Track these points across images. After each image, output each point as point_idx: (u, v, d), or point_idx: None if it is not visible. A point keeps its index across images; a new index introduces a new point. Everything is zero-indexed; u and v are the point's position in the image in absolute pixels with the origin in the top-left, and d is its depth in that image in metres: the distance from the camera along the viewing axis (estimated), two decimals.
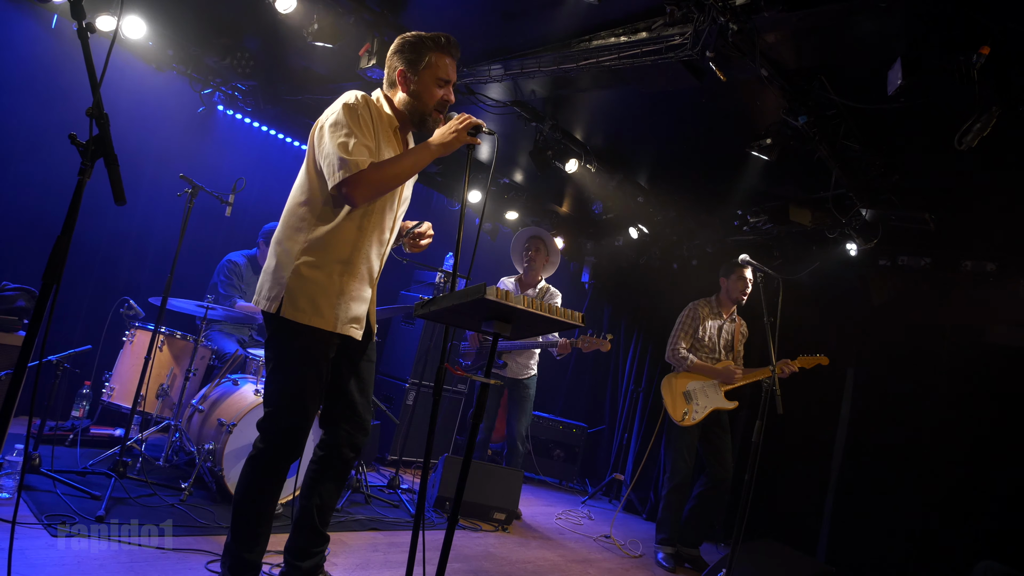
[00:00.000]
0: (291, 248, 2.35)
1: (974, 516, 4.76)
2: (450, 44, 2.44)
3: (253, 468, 2.36)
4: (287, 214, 2.43)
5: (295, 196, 2.43)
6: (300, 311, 2.31)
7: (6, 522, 2.70)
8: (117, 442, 4.13)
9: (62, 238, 1.57)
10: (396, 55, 2.45)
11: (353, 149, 2.22)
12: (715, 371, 4.70)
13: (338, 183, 2.20)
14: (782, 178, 5.00)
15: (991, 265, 4.97)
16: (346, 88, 2.68)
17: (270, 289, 2.36)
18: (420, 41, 2.42)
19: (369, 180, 2.22)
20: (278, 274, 2.35)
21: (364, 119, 2.31)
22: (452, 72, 2.47)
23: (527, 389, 5.11)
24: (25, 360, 1.54)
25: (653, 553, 4.73)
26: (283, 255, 2.36)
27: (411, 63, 2.42)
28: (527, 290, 5.16)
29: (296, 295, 2.31)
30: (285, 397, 2.36)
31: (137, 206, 5.19)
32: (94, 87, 1.64)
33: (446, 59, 2.44)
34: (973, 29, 2.89)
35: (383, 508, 4.28)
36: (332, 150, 2.23)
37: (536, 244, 5.16)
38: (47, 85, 4.66)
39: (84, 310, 5.00)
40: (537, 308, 1.95)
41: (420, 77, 2.42)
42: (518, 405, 5.09)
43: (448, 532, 2.00)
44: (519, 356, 5.08)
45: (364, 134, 2.29)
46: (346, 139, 2.23)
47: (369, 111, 2.36)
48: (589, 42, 3.83)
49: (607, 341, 4.83)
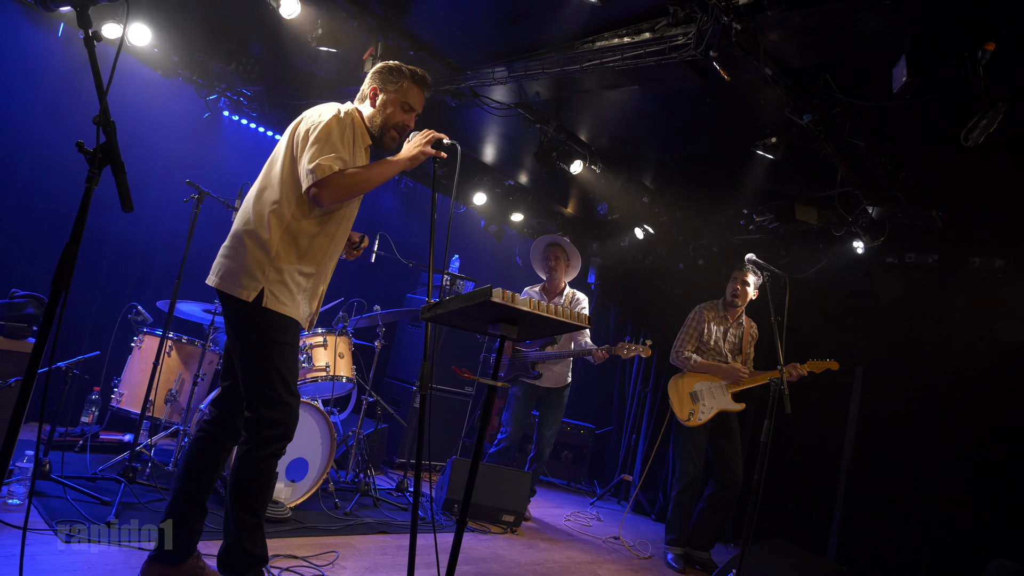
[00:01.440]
0: (268, 240, 2.45)
1: (986, 514, 4.72)
2: (425, 81, 2.68)
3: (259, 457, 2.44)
4: (258, 202, 2.52)
5: (269, 191, 2.52)
6: (283, 304, 2.45)
7: (17, 528, 2.72)
8: (126, 447, 4.15)
9: (71, 245, 1.58)
10: (376, 75, 2.66)
11: (328, 156, 2.39)
12: (721, 369, 4.69)
13: (310, 185, 2.37)
14: (788, 177, 4.98)
15: (1000, 261, 4.94)
16: (351, 92, 2.73)
17: (245, 278, 2.42)
18: (399, 69, 2.64)
19: (335, 183, 2.38)
20: (255, 263, 2.43)
21: (347, 136, 2.49)
22: (419, 104, 2.69)
23: (561, 398, 5.11)
24: (35, 367, 1.54)
25: (663, 554, 4.72)
26: (257, 247, 2.44)
27: (386, 84, 2.63)
28: (553, 298, 5.15)
29: (277, 289, 2.44)
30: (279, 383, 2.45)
31: (144, 212, 5.22)
32: (101, 95, 1.64)
33: (417, 90, 2.66)
34: (978, 25, 2.88)
35: (392, 511, 4.29)
36: (311, 156, 2.39)
37: (556, 252, 5.15)
38: (54, 93, 4.69)
39: (92, 316, 5.03)
40: (542, 310, 1.95)
41: (389, 97, 2.63)
42: (551, 413, 5.08)
43: (457, 535, 2.00)
44: (554, 365, 5.07)
45: (344, 147, 2.46)
46: (325, 148, 2.40)
47: (354, 128, 2.55)
48: (593, 43, 3.83)
49: (647, 347, 4.81)
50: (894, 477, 5.16)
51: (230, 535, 2.42)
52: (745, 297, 4.75)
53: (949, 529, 4.84)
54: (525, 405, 5.08)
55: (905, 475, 5.11)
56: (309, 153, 2.39)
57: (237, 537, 2.41)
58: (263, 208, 2.49)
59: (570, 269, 5.23)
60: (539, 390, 5.08)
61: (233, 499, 2.42)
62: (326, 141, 2.41)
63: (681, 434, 4.72)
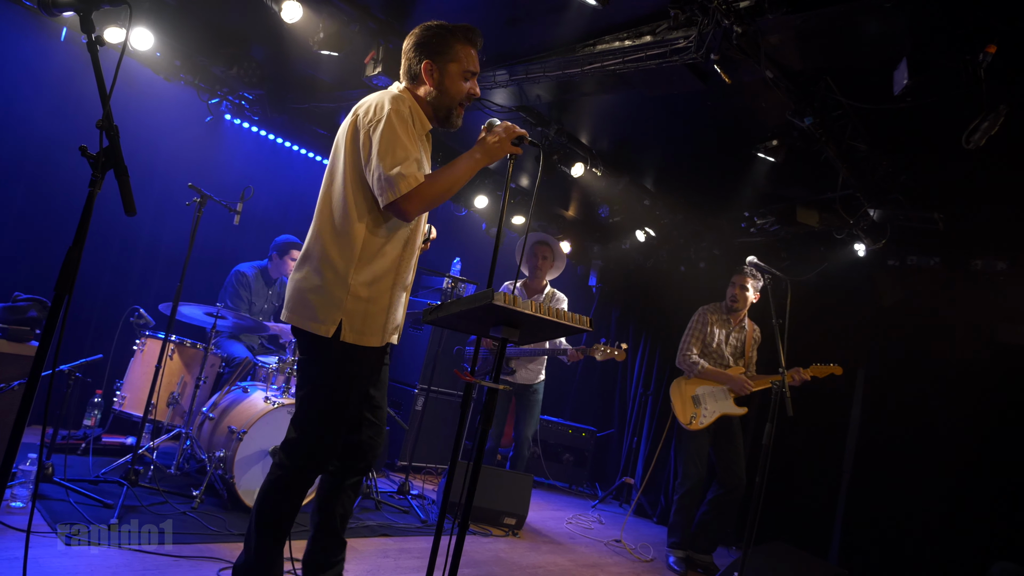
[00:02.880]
0: (342, 267, 2.22)
1: (988, 516, 4.71)
2: (476, 34, 2.34)
3: (278, 488, 2.27)
4: (326, 226, 2.27)
5: (336, 208, 2.26)
6: (359, 333, 2.24)
7: (20, 531, 2.73)
8: (129, 450, 4.15)
9: (74, 249, 1.58)
10: (421, 47, 2.32)
11: (406, 163, 2.13)
12: (728, 378, 4.68)
13: (393, 201, 2.12)
14: (789, 179, 4.99)
15: (1002, 263, 4.93)
16: (353, 96, 2.66)
17: (321, 311, 2.21)
18: (447, 31, 2.30)
19: (423, 195, 2.15)
20: (331, 295, 2.21)
21: (410, 130, 2.22)
22: (477, 63, 2.36)
23: (536, 395, 5.11)
24: (38, 370, 1.55)
25: (664, 557, 4.71)
26: (332, 273, 2.22)
27: (436, 54, 2.30)
28: (533, 295, 5.16)
29: (356, 318, 2.22)
30: (326, 418, 2.27)
31: (146, 216, 5.23)
32: (104, 100, 1.65)
33: (471, 50, 2.34)
34: (979, 28, 2.89)
35: (393, 514, 4.29)
36: (385, 165, 2.13)
37: (544, 251, 5.15)
38: (57, 97, 4.71)
39: (95, 319, 5.04)
40: (545, 313, 1.95)
41: (447, 69, 2.31)
42: (526, 410, 5.09)
43: (459, 538, 2.00)
44: (529, 363, 5.08)
45: (412, 144, 2.19)
46: (397, 152, 2.14)
47: (411, 115, 2.26)
48: (593, 46, 3.83)
49: (622, 350, 4.82)
50: (896, 480, 5.15)
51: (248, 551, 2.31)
52: (745, 301, 4.75)
53: (952, 532, 4.82)
54: (503, 402, 5.10)
55: (907, 477, 5.10)
56: (381, 162, 2.12)
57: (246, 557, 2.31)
58: (331, 229, 2.25)
59: (553, 269, 5.24)
60: (514, 387, 5.09)
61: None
62: (395, 144, 2.13)
63: (683, 437, 4.72)
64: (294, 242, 5.18)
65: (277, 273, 5.22)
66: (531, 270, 5.19)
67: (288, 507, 2.30)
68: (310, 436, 2.28)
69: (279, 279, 5.27)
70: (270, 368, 4.15)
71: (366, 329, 2.25)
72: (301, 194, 6.35)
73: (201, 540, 3.09)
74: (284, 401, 3.74)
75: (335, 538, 2.47)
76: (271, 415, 3.64)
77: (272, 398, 3.77)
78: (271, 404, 3.68)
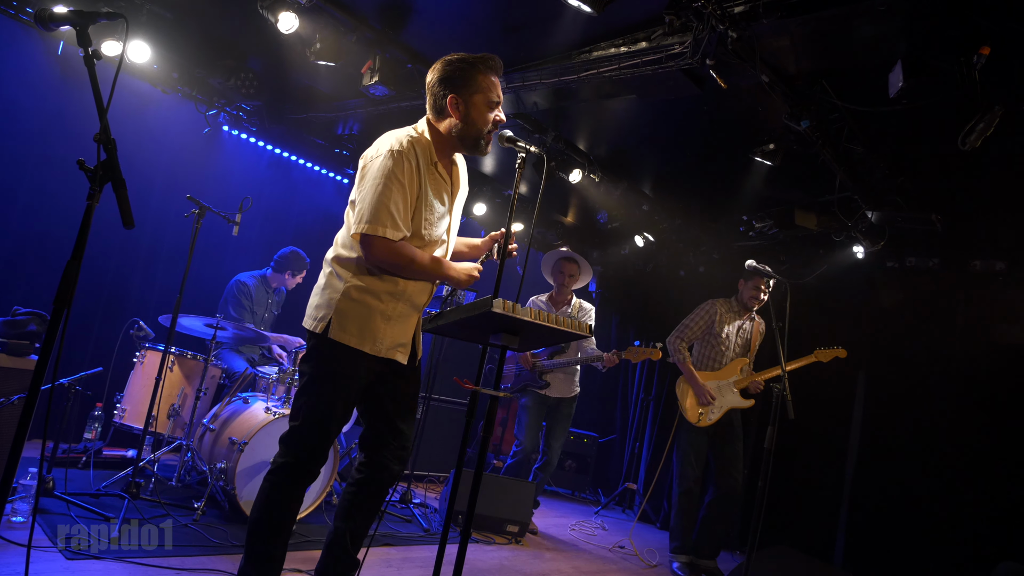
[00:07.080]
0: (342, 270, 2.36)
1: (993, 517, 4.70)
2: (496, 63, 2.38)
3: (272, 483, 2.34)
4: (342, 235, 2.44)
5: (347, 222, 2.42)
6: (347, 333, 2.30)
7: (22, 546, 2.71)
8: (129, 463, 4.14)
9: (72, 263, 1.58)
10: (445, 81, 2.36)
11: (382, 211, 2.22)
12: (697, 384, 4.63)
13: (358, 232, 2.24)
14: (787, 183, 4.99)
15: (1000, 264, 4.94)
16: (350, 106, 2.68)
17: (317, 308, 2.36)
18: (468, 64, 2.35)
19: (385, 251, 2.24)
20: (327, 294, 2.36)
21: (409, 168, 2.28)
22: (500, 92, 2.42)
23: (570, 407, 5.09)
24: (38, 383, 1.55)
25: (668, 563, 4.69)
26: (334, 275, 2.38)
27: (459, 87, 2.35)
28: (560, 308, 5.16)
29: (345, 317, 2.31)
30: (312, 415, 2.34)
31: (145, 228, 5.24)
32: (101, 113, 1.65)
33: (494, 79, 2.39)
34: (973, 30, 2.90)
35: (396, 523, 4.28)
36: (368, 201, 2.24)
37: (571, 269, 5.13)
38: (55, 110, 4.72)
39: (94, 332, 5.04)
40: (543, 320, 1.95)
41: (472, 101, 2.36)
42: (559, 424, 5.05)
43: (461, 546, 1.99)
44: (563, 374, 5.07)
45: (405, 188, 2.26)
46: (381, 195, 2.22)
47: (416, 153, 2.31)
48: (589, 53, 3.85)
49: (657, 350, 4.80)
50: (899, 481, 5.14)
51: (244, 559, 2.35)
52: (763, 302, 4.73)
53: (956, 533, 4.81)
54: (536, 416, 5.05)
55: (910, 479, 5.09)
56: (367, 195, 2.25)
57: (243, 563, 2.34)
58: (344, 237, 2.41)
59: (578, 283, 5.26)
60: (548, 400, 5.06)
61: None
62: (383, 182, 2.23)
63: (682, 438, 4.70)
64: (298, 255, 5.19)
65: (276, 283, 5.23)
66: (557, 286, 5.20)
67: (278, 506, 2.34)
68: (296, 430, 2.36)
69: (278, 288, 5.28)
70: (271, 379, 4.15)
71: (355, 330, 2.31)
72: (300, 204, 6.36)
73: (203, 552, 3.08)
74: (285, 412, 3.73)
75: (344, 554, 2.49)
76: (272, 426, 3.63)
77: (273, 409, 3.76)
78: (272, 415, 3.68)
